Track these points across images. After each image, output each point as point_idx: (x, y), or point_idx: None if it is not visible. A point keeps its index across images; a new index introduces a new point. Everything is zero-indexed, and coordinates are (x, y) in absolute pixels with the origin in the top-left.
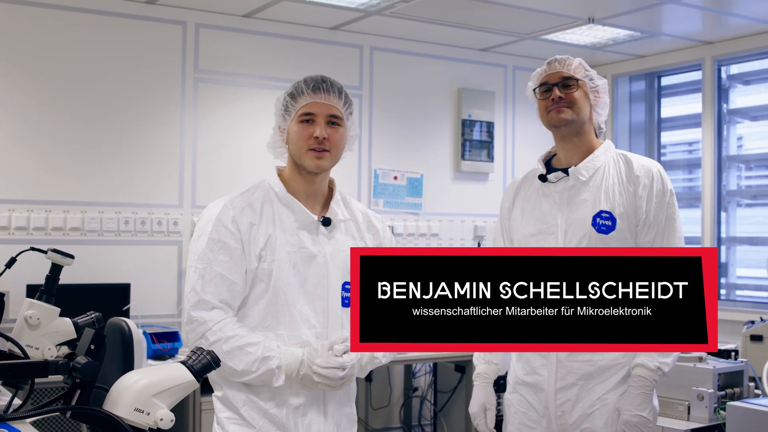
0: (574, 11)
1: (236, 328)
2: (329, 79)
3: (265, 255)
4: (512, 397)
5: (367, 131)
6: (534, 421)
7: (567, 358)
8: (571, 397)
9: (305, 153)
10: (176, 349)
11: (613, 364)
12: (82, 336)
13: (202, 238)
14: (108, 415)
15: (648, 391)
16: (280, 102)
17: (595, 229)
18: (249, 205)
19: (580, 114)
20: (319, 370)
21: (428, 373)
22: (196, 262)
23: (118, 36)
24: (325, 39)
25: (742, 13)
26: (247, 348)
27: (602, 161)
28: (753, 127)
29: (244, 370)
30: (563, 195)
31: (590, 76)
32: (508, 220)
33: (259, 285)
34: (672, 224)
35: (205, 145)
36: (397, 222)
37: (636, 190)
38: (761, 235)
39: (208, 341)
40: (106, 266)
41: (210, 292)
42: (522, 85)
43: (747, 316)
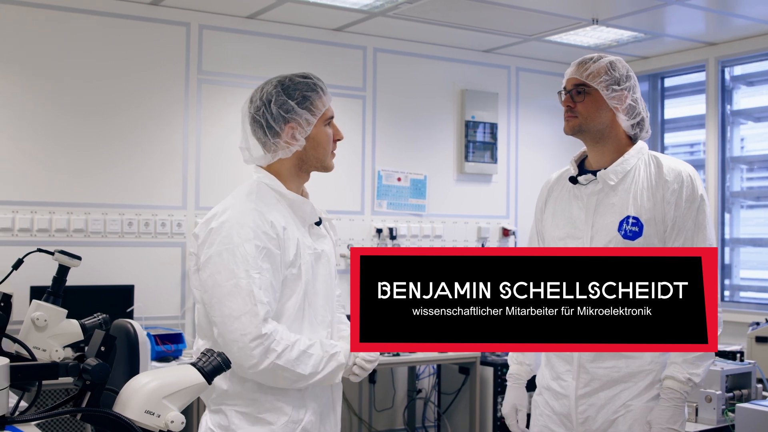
0: (578, 12)
1: (290, 333)
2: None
3: (296, 259)
4: (539, 399)
5: (370, 133)
6: (557, 425)
7: (590, 364)
8: (595, 403)
9: (329, 154)
10: (180, 351)
11: (640, 370)
12: (92, 337)
13: (246, 246)
14: (119, 417)
15: (679, 403)
16: (293, 101)
17: (621, 235)
18: (272, 207)
19: (590, 123)
20: (362, 363)
21: (432, 375)
22: (251, 271)
23: (122, 37)
24: (329, 40)
25: (746, 14)
26: (309, 351)
27: (633, 164)
28: (756, 128)
29: (312, 373)
30: (591, 199)
31: (612, 81)
32: (542, 220)
33: (285, 290)
34: (702, 230)
35: (209, 147)
36: (400, 223)
37: (664, 195)
38: (764, 236)
39: (276, 352)
40: (110, 268)
41: (268, 302)
42: (525, 87)
43: (751, 317)
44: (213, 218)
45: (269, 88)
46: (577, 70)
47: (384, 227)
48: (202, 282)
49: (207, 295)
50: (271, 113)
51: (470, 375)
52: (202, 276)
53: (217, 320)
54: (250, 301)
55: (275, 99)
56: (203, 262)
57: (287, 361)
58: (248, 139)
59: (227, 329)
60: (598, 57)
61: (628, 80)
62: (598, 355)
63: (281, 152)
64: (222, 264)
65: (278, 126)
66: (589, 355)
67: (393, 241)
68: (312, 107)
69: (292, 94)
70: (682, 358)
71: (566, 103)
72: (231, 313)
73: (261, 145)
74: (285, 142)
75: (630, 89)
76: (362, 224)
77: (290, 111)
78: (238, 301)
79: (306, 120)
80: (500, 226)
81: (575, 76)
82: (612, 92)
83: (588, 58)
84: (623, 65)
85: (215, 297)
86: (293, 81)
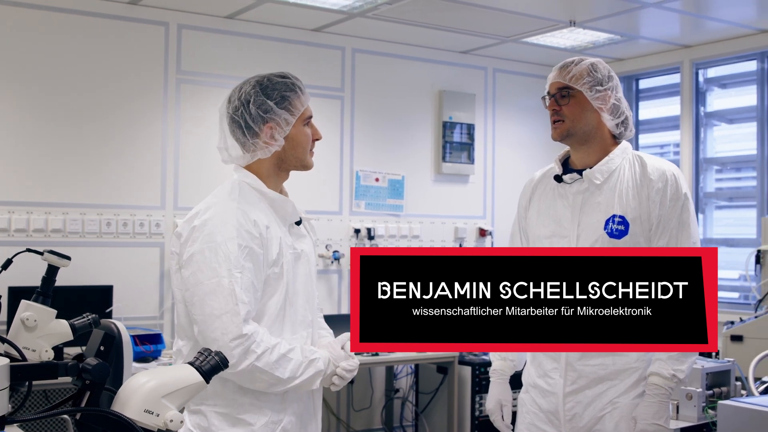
0: (556, 14)
1: (271, 336)
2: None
3: (278, 259)
4: (525, 396)
5: (348, 133)
6: (544, 422)
7: (578, 362)
8: (582, 400)
9: (309, 153)
10: (159, 352)
11: (626, 368)
12: (91, 337)
13: (229, 245)
14: (120, 417)
15: (664, 399)
16: (272, 101)
17: (607, 234)
18: (254, 206)
19: (577, 125)
20: (342, 373)
21: (410, 375)
22: (233, 270)
23: (100, 37)
24: (308, 41)
25: (720, 17)
26: (288, 355)
27: (618, 163)
28: (729, 129)
29: (290, 377)
30: (577, 198)
31: (595, 82)
32: (525, 219)
33: (266, 290)
34: (686, 228)
35: (188, 147)
36: (378, 224)
37: (649, 194)
38: (736, 236)
39: (256, 354)
40: (89, 268)
41: (249, 302)
42: (502, 88)
43: (726, 317)
44: (195, 216)
45: (248, 88)
46: (559, 73)
47: (362, 227)
48: (184, 280)
49: (189, 293)
50: (249, 113)
51: (448, 374)
52: (184, 274)
53: (198, 318)
54: (231, 301)
55: (254, 99)
56: (186, 260)
57: (266, 363)
58: (226, 139)
59: (208, 328)
60: (579, 60)
61: (611, 80)
62: (585, 352)
63: (260, 152)
64: (204, 262)
65: (257, 126)
66: (576, 353)
67: (371, 242)
68: (291, 107)
69: (270, 94)
70: (667, 354)
71: (552, 107)
72: (212, 311)
73: (240, 145)
74: (264, 142)
75: (613, 89)
76: (340, 224)
77: (269, 111)
78: (220, 300)
79: (285, 120)
80: (477, 226)
81: (558, 80)
82: (596, 93)
83: (569, 62)
84: (604, 66)
85: (197, 295)
86: (272, 81)
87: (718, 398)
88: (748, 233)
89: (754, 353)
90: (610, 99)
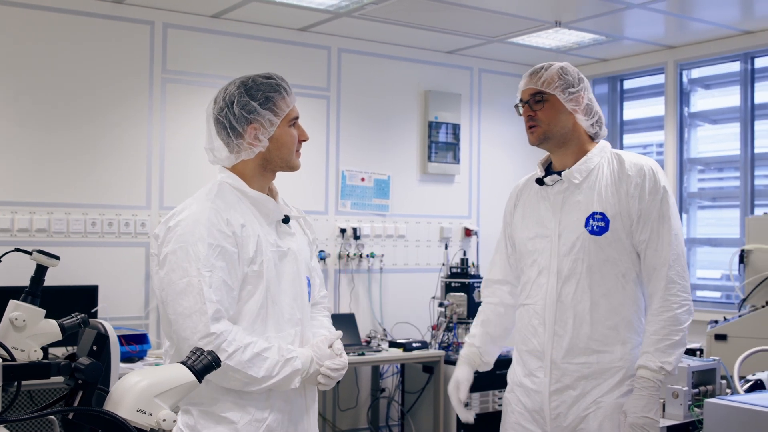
0: (541, 15)
1: (246, 335)
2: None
3: (256, 257)
4: (510, 396)
5: (334, 133)
6: (529, 422)
7: (562, 361)
8: (566, 400)
9: (294, 154)
10: (144, 352)
11: (610, 367)
12: (83, 337)
13: (199, 245)
14: (114, 416)
15: (653, 392)
16: (256, 102)
17: (588, 231)
18: (231, 206)
19: (553, 128)
20: (328, 372)
21: (395, 374)
22: (202, 269)
23: (84, 36)
24: (294, 40)
25: (704, 18)
26: (264, 354)
27: (596, 162)
28: (712, 130)
29: (265, 376)
30: (558, 198)
31: (566, 84)
32: (510, 224)
33: (246, 288)
34: (666, 221)
35: (173, 146)
36: (364, 223)
37: (628, 189)
38: (719, 236)
39: (227, 353)
40: (74, 268)
41: (219, 300)
42: (488, 88)
43: (710, 315)
44: (172, 217)
45: (232, 89)
46: (530, 80)
47: (348, 227)
48: (160, 280)
49: (164, 293)
50: (233, 114)
51: (434, 374)
52: (160, 274)
53: (171, 318)
54: (200, 300)
55: (238, 100)
56: (161, 261)
57: (238, 362)
58: (213, 140)
59: (180, 327)
60: (548, 65)
61: (581, 82)
62: (569, 350)
63: (244, 153)
64: (176, 262)
65: (241, 127)
66: (561, 352)
67: (357, 241)
68: (275, 108)
69: (254, 95)
70: (654, 347)
71: (526, 113)
72: (183, 311)
73: (225, 146)
74: (248, 143)
75: (584, 90)
76: (326, 224)
77: (252, 112)
78: (190, 299)
79: (269, 121)
80: (462, 226)
81: (530, 86)
82: (569, 95)
83: (539, 68)
84: (573, 69)
85: (170, 295)
86: (256, 82)
87: (704, 396)
88: (730, 233)
89: (738, 352)
90: (583, 100)
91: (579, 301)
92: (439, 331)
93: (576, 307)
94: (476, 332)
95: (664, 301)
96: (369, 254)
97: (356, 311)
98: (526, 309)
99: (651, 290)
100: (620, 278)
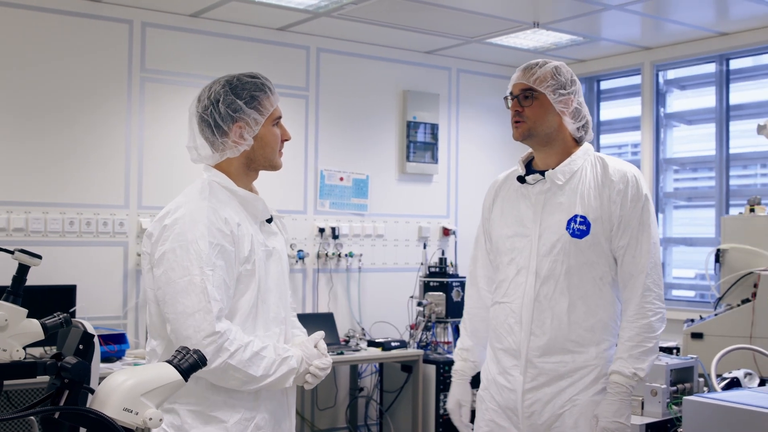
0: (520, 16)
1: (244, 334)
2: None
3: (251, 255)
4: (484, 393)
5: (313, 132)
6: (503, 419)
7: (538, 359)
8: (541, 398)
9: (277, 153)
10: (123, 351)
11: (585, 365)
12: (69, 336)
13: (200, 243)
14: (101, 416)
15: (625, 397)
16: (241, 101)
17: (569, 233)
18: (225, 204)
19: (539, 127)
20: (315, 371)
21: (374, 374)
22: (204, 268)
23: (63, 34)
24: (273, 40)
25: (680, 19)
26: (261, 353)
27: (579, 164)
28: (688, 130)
29: (263, 375)
30: (539, 198)
31: (558, 85)
32: (489, 220)
33: (238, 286)
34: (646, 229)
35: (152, 145)
36: (342, 223)
37: (610, 195)
38: (695, 236)
39: (229, 351)
40: (51, 268)
41: (221, 299)
42: (466, 88)
43: (686, 314)
44: (166, 215)
45: (217, 87)
46: (523, 75)
47: (326, 227)
48: (156, 279)
49: (161, 291)
50: (219, 112)
51: (412, 373)
52: (155, 273)
53: (170, 317)
54: (204, 298)
55: (223, 98)
56: (157, 259)
57: (239, 361)
58: (196, 138)
59: (181, 326)
60: (543, 62)
61: (573, 84)
62: (546, 350)
63: (229, 151)
64: (176, 261)
65: (226, 125)
66: (537, 350)
67: (335, 241)
68: (260, 107)
69: (240, 93)
70: (628, 353)
71: (514, 108)
72: (185, 310)
73: (209, 145)
74: (233, 141)
75: (575, 93)
76: (305, 224)
77: (238, 110)
78: (192, 298)
79: (254, 119)
80: (441, 225)
81: (522, 81)
82: (559, 96)
83: (533, 64)
84: (567, 70)
85: (169, 294)
86: (241, 80)
87: (682, 394)
88: (705, 232)
89: (715, 350)
90: (572, 103)
91: (557, 302)
92: (418, 330)
93: (554, 308)
94: (468, 345)
95: (640, 308)
96: (347, 254)
97: (335, 311)
98: (502, 307)
99: (627, 296)
100: (598, 281)
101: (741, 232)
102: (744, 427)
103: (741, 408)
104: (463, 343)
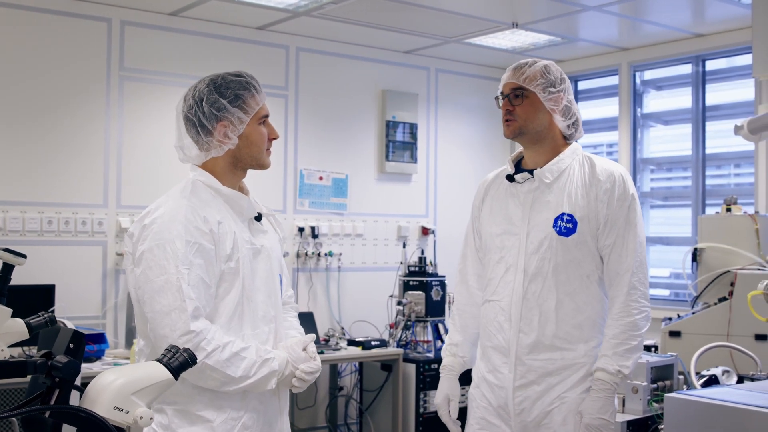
0: (499, 16)
1: (224, 334)
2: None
3: (233, 253)
4: (475, 392)
5: (292, 132)
6: (494, 417)
7: (527, 357)
8: (531, 395)
9: (265, 152)
10: (102, 351)
11: (573, 363)
12: (59, 335)
13: (176, 242)
14: (92, 414)
15: (609, 394)
16: (225, 100)
17: (556, 231)
18: (206, 203)
19: (530, 125)
20: (302, 375)
21: (354, 373)
22: (180, 266)
23: (41, 32)
24: (252, 39)
25: (657, 20)
26: (241, 354)
27: (568, 163)
28: (664, 130)
29: (243, 376)
30: (528, 196)
31: (548, 84)
32: (478, 218)
33: (222, 285)
34: (632, 228)
35: (131, 144)
36: (322, 222)
37: (597, 194)
38: (671, 235)
39: (206, 351)
40: (30, 267)
41: (197, 298)
42: (445, 88)
43: (663, 313)
44: (147, 215)
45: (202, 86)
46: (513, 74)
47: (306, 226)
48: (136, 278)
49: (140, 291)
50: (203, 112)
51: (392, 372)
52: (136, 272)
53: (149, 316)
54: (179, 297)
55: (207, 98)
56: (137, 259)
57: (217, 361)
58: (183, 138)
59: (158, 325)
60: (533, 61)
61: (563, 83)
62: (535, 347)
63: (214, 151)
64: (153, 260)
65: (210, 124)
66: (526, 348)
67: (315, 240)
68: (244, 106)
69: (224, 92)
70: (613, 350)
71: (505, 107)
72: (161, 309)
73: (195, 144)
74: (217, 140)
75: (565, 91)
76: (284, 223)
77: (222, 109)
78: (168, 297)
79: (238, 118)
80: (420, 225)
81: (512, 81)
82: (549, 95)
83: (523, 63)
84: (556, 68)
85: (147, 293)
86: (226, 80)
87: (662, 391)
88: (682, 232)
89: (693, 348)
90: (562, 101)
91: (545, 299)
92: (398, 329)
93: (542, 305)
94: (458, 340)
95: (625, 307)
96: (327, 253)
97: (314, 310)
98: (491, 305)
99: (612, 294)
100: (585, 279)
101: (718, 232)
102: (724, 424)
103: (722, 405)
104: (452, 338)
